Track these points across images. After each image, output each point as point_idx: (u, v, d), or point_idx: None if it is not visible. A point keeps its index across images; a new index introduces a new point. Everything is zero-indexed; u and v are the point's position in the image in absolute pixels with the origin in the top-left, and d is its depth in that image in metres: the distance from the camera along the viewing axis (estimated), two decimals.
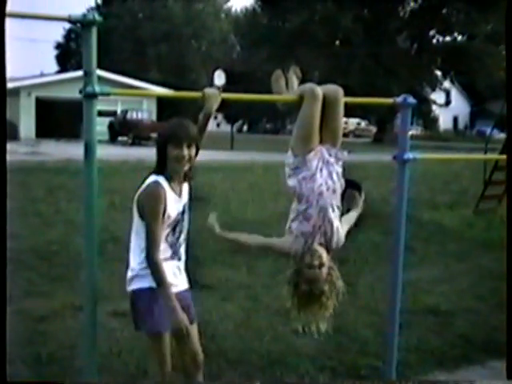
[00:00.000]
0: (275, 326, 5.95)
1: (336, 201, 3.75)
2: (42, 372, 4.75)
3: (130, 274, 3.62)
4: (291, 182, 3.75)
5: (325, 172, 3.71)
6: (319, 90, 3.71)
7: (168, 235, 3.59)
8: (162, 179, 3.53)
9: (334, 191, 3.74)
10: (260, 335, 5.67)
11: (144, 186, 3.57)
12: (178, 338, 3.64)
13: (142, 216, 3.55)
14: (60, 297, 6.57)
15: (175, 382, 3.81)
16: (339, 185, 3.77)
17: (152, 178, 3.55)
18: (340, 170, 3.79)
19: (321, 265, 3.65)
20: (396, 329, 4.54)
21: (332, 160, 3.75)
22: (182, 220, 3.67)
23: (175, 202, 3.58)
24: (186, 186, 3.71)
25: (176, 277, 3.67)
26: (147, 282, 3.52)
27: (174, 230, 3.62)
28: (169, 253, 3.61)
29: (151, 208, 3.48)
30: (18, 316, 5.87)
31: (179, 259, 3.71)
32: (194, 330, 3.77)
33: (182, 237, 3.71)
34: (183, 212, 3.67)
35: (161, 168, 3.56)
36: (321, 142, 3.75)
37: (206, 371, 4.81)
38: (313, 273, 3.64)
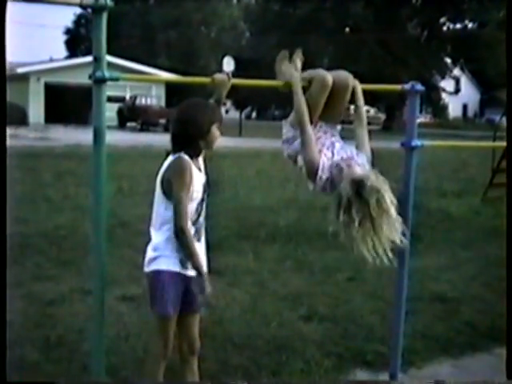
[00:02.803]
0: (282, 311, 5.99)
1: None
2: (50, 355, 4.79)
3: (152, 253, 3.61)
4: (294, 147, 3.88)
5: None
6: (330, 79, 3.75)
7: (193, 213, 3.62)
8: (185, 155, 3.57)
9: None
10: (266, 321, 5.70)
11: (166, 164, 3.60)
12: (179, 322, 3.69)
13: (166, 193, 3.56)
14: (68, 281, 6.62)
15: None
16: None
17: (173, 156, 3.59)
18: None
19: (348, 165, 3.59)
20: (402, 315, 4.56)
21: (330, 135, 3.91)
22: (203, 199, 3.70)
23: (199, 178, 3.63)
24: (202, 163, 3.75)
25: None
26: (167, 265, 3.56)
27: (196, 207, 3.64)
28: (192, 232, 3.61)
29: (179, 179, 3.50)
30: (27, 299, 5.93)
31: (199, 240, 3.70)
32: (196, 318, 3.82)
33: (202, 216, 3.73)
34: (204, 190, 3.70)
35: (185, 147, 3.58)
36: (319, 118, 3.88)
37: (213, 356, 4.87)
38: (345, 173, 3.55)
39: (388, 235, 3.54)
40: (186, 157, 3.56)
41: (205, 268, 3.71)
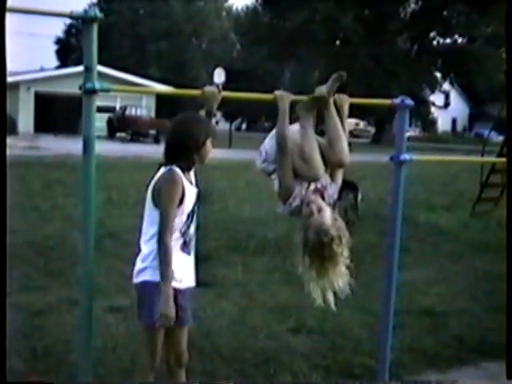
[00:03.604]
0: (270, 323, 5.98)
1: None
2: (37, 366, 4.76)
3: (140, 264, 3.62)
4: (271, 167, 3.90)
5: None
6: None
7: (183, 225, 3.62)
8: (176, 168, 3.57)
9: None
10: (255, 333, 5.68)
11: (158, 176, 3.60)
12: (167, 334, 3.68)
13: (157, 204, 3.56)
14: (56, 291, 6.58)
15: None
16: None
17: (165, 168, 3.59)
18: None
19: (319, 209, 3.60)
20: (390, 329, 4.56)
21: None
22: (193, 211, 3.70)
23: (191, 190, 3.63)
24: (193, 176, 3.75)
25: (183, 272, 3.67)
26: (155, 276, 3.54)
27: (186, 219, 3.65)
28: (180, 243, 3.63)
29: (167, 192, 3.51)
30: (14, 310, 5.87)
31: (188, 253, 3.72)
32: (184, 330, 3.79)
33: (192, 229, 3.73)
34: (195, 203, 3.71)
35: (176, 160, 3.59)
36: None
37: (201, 368, 4.85)
38: (314, 220, 3.58)
39: (333, 283, 3.68)
40: (178, 169, 3.57)
41: (191, 282, 3.75)
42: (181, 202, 3.55)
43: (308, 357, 5.24)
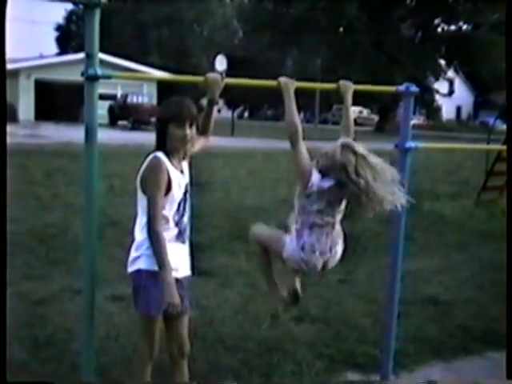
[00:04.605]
0: (273, 312, 5.94)
1: None
2: (39, 355, 4.74)
3: (134, 253, 3.58)
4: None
5: None
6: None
7: (174, 214, 3.57)
8: (161, 154, 3.52)
9: None
10: (258, 322, 5.66)
11: (145, 164, 3.54)
12: (167, 324, 3.65)
13: (145, 192, 3.52)
14: (58, 280, 6.56)
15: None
16: None
17: (151, 155, 3.54)
18: None
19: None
20: (394, 318, 4.54)
21: None
22: (185, 200, 3.64)
23: (178, 178, 3.56)
24: (186, 165, 3.69)
25: (179, 261, 3.62)
26: (148, 264, 3.50)
27: (178, 208, 3.59)
28: (175, 233, 3.59)
29: (153, 179, 3.46)
30: (16, 299, 5.86)
31: (183, 242, 3.68)
32: (184, 320, 3.74)
33: (186, 218, 3.68)
34: (186, 191, 3.65)
35: (160, 146, 3.55)
36: None
37: (204, 357, 4.83)
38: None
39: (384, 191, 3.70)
40: (162, 156, 3.51)
41: (187, 271, 3.73)
42: (168, 189, 3.49)
43: (312, 346, 5.21)
